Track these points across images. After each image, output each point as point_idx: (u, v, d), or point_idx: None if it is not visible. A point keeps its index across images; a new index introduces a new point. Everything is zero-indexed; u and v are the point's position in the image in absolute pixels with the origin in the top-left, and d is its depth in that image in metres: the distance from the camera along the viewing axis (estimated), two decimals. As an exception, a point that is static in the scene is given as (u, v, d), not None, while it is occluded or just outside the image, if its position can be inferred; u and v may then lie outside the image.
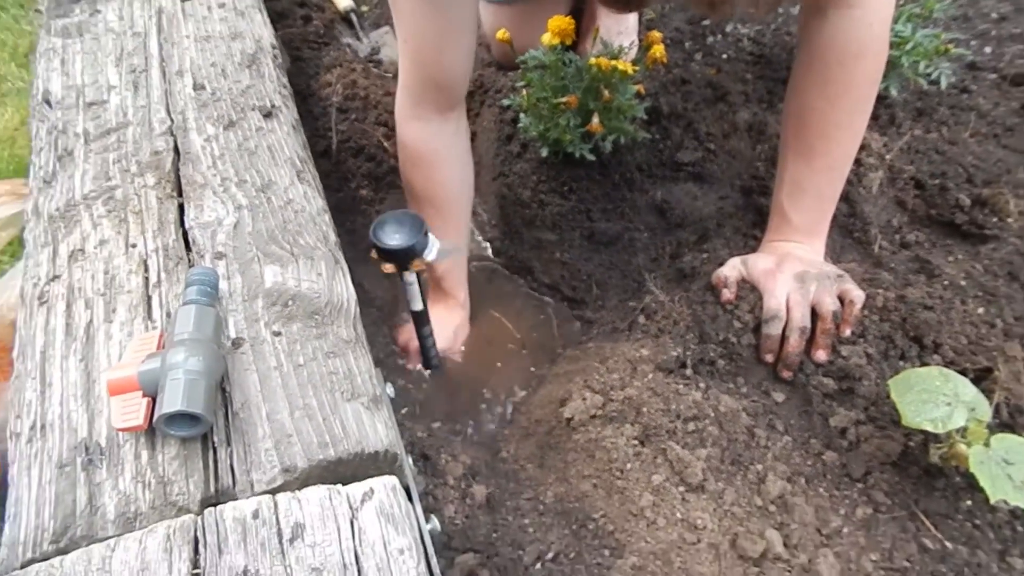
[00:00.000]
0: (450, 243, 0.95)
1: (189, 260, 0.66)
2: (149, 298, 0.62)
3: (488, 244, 1.27)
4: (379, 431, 0.55)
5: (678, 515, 0.73)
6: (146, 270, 0.65)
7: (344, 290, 0.65)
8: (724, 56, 1.36)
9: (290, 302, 0.62)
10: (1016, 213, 0.97)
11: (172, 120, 0.81)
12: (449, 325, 1.10)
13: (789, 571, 0.69)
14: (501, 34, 1.21)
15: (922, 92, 1.18)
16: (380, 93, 1.37)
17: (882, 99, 1.15)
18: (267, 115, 0.83)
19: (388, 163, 1.29)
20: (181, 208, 0.71)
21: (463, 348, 1.12)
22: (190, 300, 0.58)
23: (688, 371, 0.86)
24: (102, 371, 0.57)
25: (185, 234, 0.68)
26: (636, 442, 0.80)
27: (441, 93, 0.95)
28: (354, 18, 1.58)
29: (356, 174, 1.28)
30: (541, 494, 0.81)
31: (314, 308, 0.62)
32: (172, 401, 0.50)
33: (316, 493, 0.49)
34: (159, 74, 0.88)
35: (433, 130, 0.99)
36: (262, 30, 0.97)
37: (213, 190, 0.72)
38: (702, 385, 0.85)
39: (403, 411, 0.91)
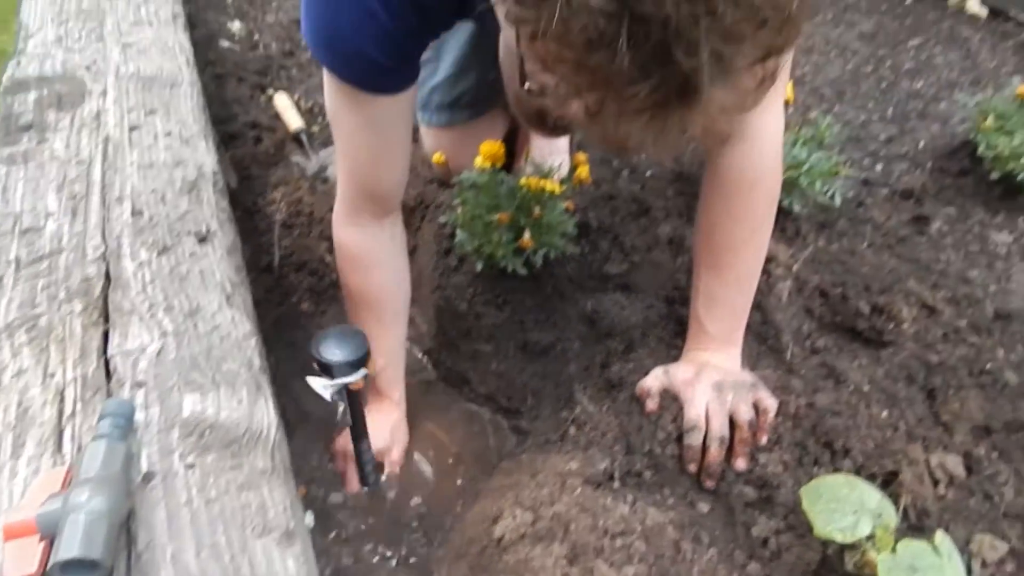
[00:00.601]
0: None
1: (108, 390, 0.67)
2: (61, 431, 0.62)
3: (426, 356, 1.29)
4: (290, 568, 0.55)
5: (605, 637, 0.73)
6: (62, 401, 0.65)
7: (265, 416, 0.67)
8: (648, 173, 1.47)
9: (207, 432, 0.63)
10: (910, 319, 1.05)
11: (106, 246, 0.83)
12: (385, 426, 1.10)
13: None
14: (437, 157, 1.29)
15: (823, 207, 1.29)
16: (325, 209, 1.42)
17: (787, 214, 1.25)
18: (202, 240, 0.86)
19: (330, 277, 1.33)
20: (106, 335, 0.72)
21: (398, 456, 1.11)
22: (101, 434, 0.58)
23: (616, 484, 0.88)
24: (1, 513, 0.56)
25: (107, 362, 0.69)
26: (564, 562, 0.80)
27: (376, 203, 1.01)
28: (304, 138, 1.65)
29: (298, 288, 1.31)
30: (471, 619, 0.80)
31: (232, 438, 0.63)
32: (69, 546, 0.49)
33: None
34: (99, 200, 0.91)
35: (369, 234, 1.03)
36: (205, 157, 1.02)
37: (140, 316, 0.74)
38: (629, 498, 0.87)
39: (331, 536, 0.90)
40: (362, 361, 0.88)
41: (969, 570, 0.82)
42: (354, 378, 0.89)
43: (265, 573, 0.54)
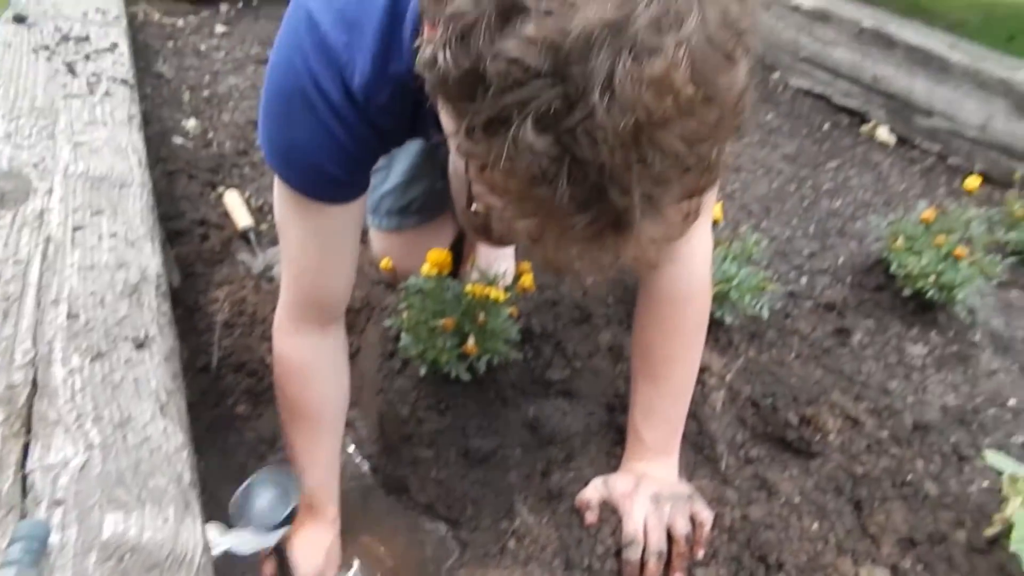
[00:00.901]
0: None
1: (23, 508, 0.63)
2: (-29, 555, 0.58)
3: (367, 461, 1.27)
4: None
5: None
6: (-27, 522, 0.61)
7: (191, 536, 0.64)
8: (589, 281, 1.53)
9: (127, 556, 0.60)
10: (835, 431, 1.10)
11: (37, 351, 0.81)
12: (320, 548, 1.06)
13: None
14: (385, 263, 1.31)
15: (753, 318, 1.36)
16: (268, 309, 1.42)
17: (720, 324, 1.32)
18: (140, 346, 0.85)
19: (269, 379, 1.31)
20: (26, 448, 0.69)
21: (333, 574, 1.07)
22: (10, 560, 0.55)
23: (554, 600, 0.87)
24: None
25: (24, 477, 0.66)
26: None
27: (321, 311, 1.00)
28: (251, 235, 1.66)
29: (235, 390, 1.28)
30: None
31: (154, 561, 0.60)
32: None
33: None
34: (33, 302, 0.89)
35: (311, 343, 1.01)
36: (150, 259, 1.02)
37: (66, 427, 0.71)
38: (569, 615, 0.86)
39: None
40: (290, 517, 0.84)
41: None
42: (280, 535, 0.85)
43: None
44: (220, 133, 2.01)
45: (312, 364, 1.03)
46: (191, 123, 2.04)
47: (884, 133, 2.33)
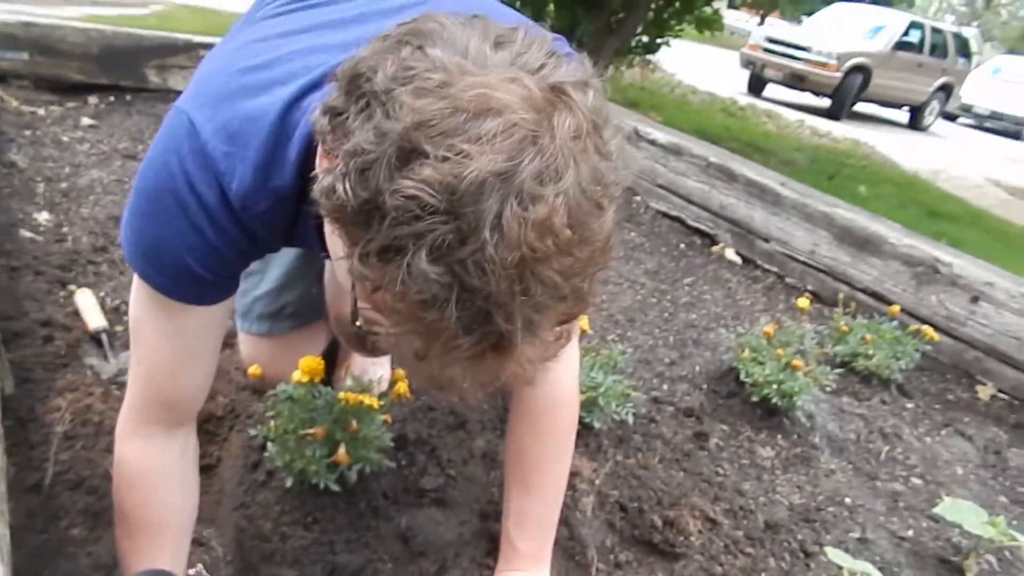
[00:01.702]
0: None
1: None
2: None
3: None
4: None
5: None
6: None
7: None
8: (470, 399, 1.54)
9: None
10: (696, 532, 1.16)
11: None
12: None
13: None
14: (253, 370, 1.27)
15: (620, 422, 1.43)
16: (116, 418, 1.31)
17: (590, 430, 1.37)
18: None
19: (111, 496, 1.19)
20: None
21: None
22: None
23: None
24: None
25: None
26: None
27: (171, 412, 0.94)
28: (104, 338, 1.55)
29: (70, 510, 1.15)
30: None
31: None
32: None
33: None
34: None
35: (156, 448, 0.94)
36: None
37: None
38: None
39: None
40: None
41: None
42: None
43: None
44: (76, 228, 1.90)
45: (157, 471, 0.95)
46: (43, 216, 1.92)
47: (731, 254, 2.61)
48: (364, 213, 0.52)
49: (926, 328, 1.94)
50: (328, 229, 0.59)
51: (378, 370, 1.49)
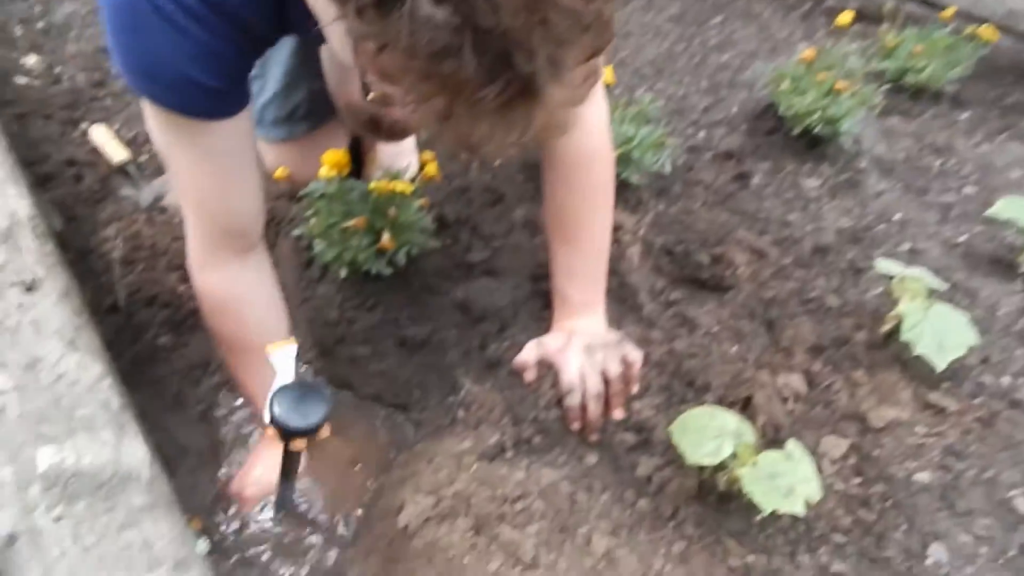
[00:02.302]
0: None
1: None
2: None
3: (306, 367, 1.26)
4: (186, 592, 0.53)
5: (517, 597, 0.76)
6: None
7: (135, 454, 0.63)
8: (497, 163, 1.52)
9: (71, 480, 0.59)
10: (744, 264, 1.17)
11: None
12: (276, 466, 1.07)
13: (622, 622, 0.74)
14: (279, 172, 1.25)
15: (659, 175, 1.40)
16: (168, 240, 1.34)
17: (628, 185, 1.35)
18: (29, 289, 0.79)
19: (186, 308, 1.26)
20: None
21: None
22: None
23: (509, 453, 0.92)
24: None
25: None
26: (471, 534, 0.82)
27: (235, 239, 0.93)
28: (131, 169, 1.54)
29: (152, 324, 1.23)
30: (387, 614, 0.80)
31: (100, 481, 0.59)
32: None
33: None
34: None
35: (233, 276, 0.95)
36: (17, 203, 0.94)
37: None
38: (523, 464, 0.91)
39: (232, 560, 0.86)
40: (315, 429, 0.81)
41: (819, 469, 0.93)
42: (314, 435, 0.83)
43: (159, 606, 0.52)
44: (69, 66, 1.81)
45: (240, 297, 0.97)
46: (31, 60, 1.82)
47: (762, -17, 2.35)
48: None
49: (983, 29, 1.77)
50: None
51: (404, 159, 1.47)
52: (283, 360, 0.84)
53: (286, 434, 0.78)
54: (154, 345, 1.20)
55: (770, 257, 1.25)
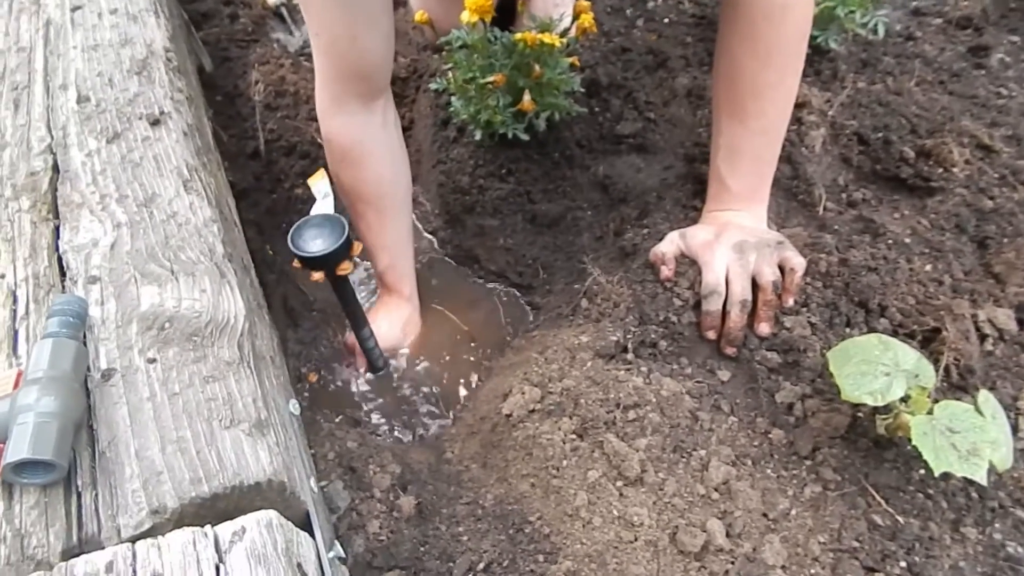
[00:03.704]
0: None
1: (63, 287, 0.62)
2: (16, 332, 0.58)
3: (432, 236, 1.23)
4: (261, 460, 0.51)
5: (615, 512, 0.69)
6: (14, 302, 0.60)
7: (232, 306, 0.61)
8: (665, 20, 1.30)
9: (167, 324, 0.58)
10: (961, 162, 0.93)
11: (52, 137, 0.76)
12: (397, 322, 1.06)
13: (732, 562, 0.66)
14: (420, 16, 1.15)
15: (867, 43, 1.13)
16: (311, 88, 1.31)
17: (824, 53, 1.10)
18: (155, 123, 0.78)
19: (322, 160, 1.24)
20: (57, 231, 0.67)
21: (411, 345, 1.08)
22: (49, 333, 0.54)
23: (629, 355, 0.82)
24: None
25: (60, 259, 0.64)
26: (574, 436, 0.76)
27: (362, 83, 0.90)
28: (284, 12, 1.51)
29: (289, 173, 1.23)
30: (481, 497, 0.77)
31: (193, 329, 0.58)
32: (18, 449, 0.46)
33: (180, 538, 0.46)
34: (42, 89, 0.83)
35: (359, 123, 0.93)
36: (155, 33, 0.92)
37: (91, 209, 0.68)
38: (644, 369, 0.81)
39: (337, 419, 0.87)
40: (345, 247, 0.81)
41: (1015, 429, 0.75)
42: (343, 263, 0.84)
43: (234, 465, 0.50)
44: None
45: (364, 144, 0.95)
46: None
47: None
48: None
49: None
50: None
51: (559, 10, 1.30)
52: (321, 190, 0.86)
53: (302, 262, 0.81)
54: (291, 195, 1.21)
55: (999, 157, 0.98)
